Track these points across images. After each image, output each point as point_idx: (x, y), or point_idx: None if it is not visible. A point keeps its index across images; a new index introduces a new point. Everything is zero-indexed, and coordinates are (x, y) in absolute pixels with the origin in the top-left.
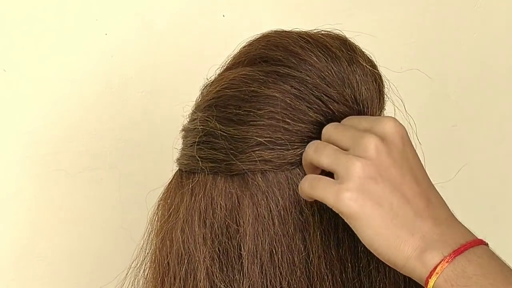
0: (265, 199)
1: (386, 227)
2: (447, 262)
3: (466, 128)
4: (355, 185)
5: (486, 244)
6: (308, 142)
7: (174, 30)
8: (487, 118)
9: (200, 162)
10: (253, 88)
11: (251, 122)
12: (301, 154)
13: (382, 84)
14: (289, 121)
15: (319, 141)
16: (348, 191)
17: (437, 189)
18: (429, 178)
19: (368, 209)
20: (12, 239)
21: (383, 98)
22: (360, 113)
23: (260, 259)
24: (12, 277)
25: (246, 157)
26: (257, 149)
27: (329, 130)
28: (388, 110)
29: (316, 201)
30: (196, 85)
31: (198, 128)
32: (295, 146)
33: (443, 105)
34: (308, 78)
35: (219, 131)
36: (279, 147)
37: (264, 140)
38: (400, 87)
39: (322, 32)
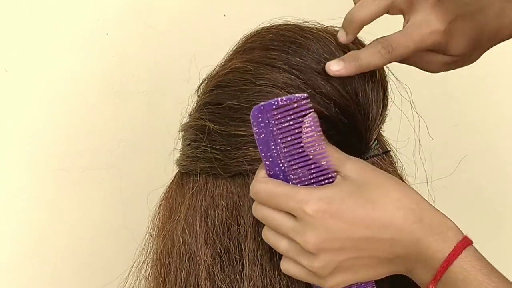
0: None
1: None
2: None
3: (467, 128)
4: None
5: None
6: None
7: (174, 30)
8: (488, 118)
9: (198, 163)
10: (244, 87)
11: (243, 118)
12: None
13: (386, 83)
14: None
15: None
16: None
17: (439, 190)
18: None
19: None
20: (13, 239)
21: (387, 98)
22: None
23: (261, 259)
24: (12, 277)
25: (241, 153)
26: (251, 146)
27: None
28: (393, 110)
29: None
30: (196, 85)
31: (193, 127)
32: None
33: (445, 105)
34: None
35: (212, 130)
36: None
37: None
38: (400, 87)
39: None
